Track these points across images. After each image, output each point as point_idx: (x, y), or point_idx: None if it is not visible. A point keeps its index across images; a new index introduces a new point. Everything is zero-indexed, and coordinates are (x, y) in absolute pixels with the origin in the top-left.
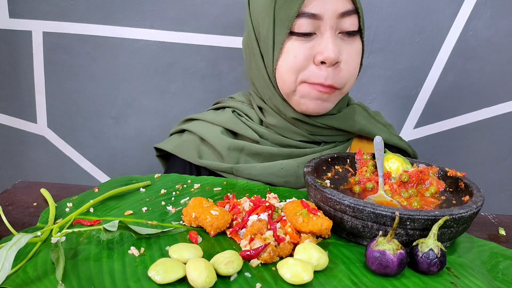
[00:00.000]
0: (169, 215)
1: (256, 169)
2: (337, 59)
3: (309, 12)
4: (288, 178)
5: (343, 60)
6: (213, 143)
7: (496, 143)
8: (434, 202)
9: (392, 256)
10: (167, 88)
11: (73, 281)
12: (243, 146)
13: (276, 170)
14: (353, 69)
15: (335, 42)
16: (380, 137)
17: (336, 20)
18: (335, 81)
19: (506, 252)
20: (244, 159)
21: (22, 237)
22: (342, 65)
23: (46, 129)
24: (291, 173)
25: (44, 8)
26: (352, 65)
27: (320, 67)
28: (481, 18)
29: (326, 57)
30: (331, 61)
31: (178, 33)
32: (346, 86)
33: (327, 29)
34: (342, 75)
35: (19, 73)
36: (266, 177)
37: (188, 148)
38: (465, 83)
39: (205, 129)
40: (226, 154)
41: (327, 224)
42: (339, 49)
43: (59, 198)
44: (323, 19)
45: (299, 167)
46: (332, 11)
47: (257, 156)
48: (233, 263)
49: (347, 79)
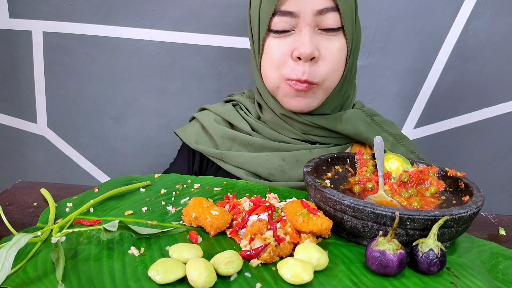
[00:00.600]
0: (169, 215)
1: (243, 157)
2: (313, 54)
3: (285, 10)
4: (272, 171)
5: (321, 56)
6: (210, 130)
7: (496, 143)
8: (434, 202)
9: (392, 256)
10: (167, 88)
11: (73, 281)
12: (235, 135)
13: (262, 160)
14: (333, 65)
15: (312, 38)
16: (380, 137)
17: (313, 17)
18: (312, 76)
19: (506, 252)
20: (236, 148)
21: (22, 237)
22: (321, 61)
23: (46, 129)
24: (275, 166)
25: (44, 8)
26: (331, 61)
27: (298, 62)
28: (481, 18)
29: (301, 52)
30: (306, 56)
31: (178, 33)
32: (326, 82)
33: (304, 26)
34: (320, 71)
35: (19, 73)
36: (251, 166)
37: (190, 133)
38: (465, 83)
39: (207, 118)
40: (220, 142)
41: (327, 224)
42: (317, 45)
43: (59, 198)
44: (299, 16)
45: (284, 161)
46: (309, 9)
47: (248, 147)
48: (233, 263)
49: (326, 74)
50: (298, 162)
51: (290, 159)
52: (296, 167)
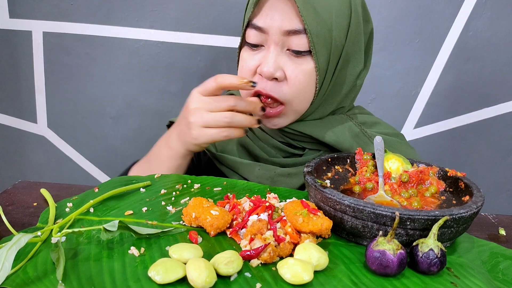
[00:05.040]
0: (169, 215)
1: (237, 162)
2: (273, 74)
3: (255, 24)
4: (263, 181)
5: (287, 77)
6: None
7: (496, 143)
8: (434, 202)
9: (392, 256)
10: (167, 88)
11: (73, 281)
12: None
13: (254, 169)
14: (298, 88)
15: (277, 57)
16: (380, 137)
17: (281, 37)
18: (274, 91)
19: (506, 252)
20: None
21: (22, 237)
22: (285, 82)
23: (46, 129)
24: (266, 177)
25: (44, 8)
26: (296, 84)
27: (262, 79)
28: (481, 18)
29: (263, 71)
30: (266, 75)
31: (178, 33)
32: (294, 103)
33: (271, 44)
34: (283, 91)
35: (19, 73)
36: (243, 173)
37: None
38: (465, 83)
39: None
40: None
41: (327, 224)
42: (283, 66)
43: (59, 198)
44: (268, 33)
45: (275, 173)
46: (276, 27)
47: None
48: (233, 263)
49: (292, 96)
50: (289, 176)
51: (282, 172)
52: (288, 179)
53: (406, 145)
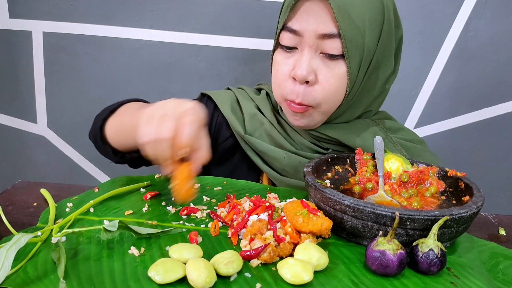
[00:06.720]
0: (169, 215)
1: (263, 146)
2: (306, 77)
3: (290, 27)
4: (287, 169)
5: (319, 81)
6: (243, 105)
7: (496, 143)
8: (434, 202)
9: (392, 256)
10: (167, 88)
11: (74, 281)
12: (264, 121)
13: (279, 156)
14: (329, 92)
15: (310, 61)
16: (380, 137)
17: (316, 40)
18: (306, 99)
19: (506, 252)
20: (260, 133)
21: (22, 237)
22: (317, 85)
23: (46, 129)
24: (291, 165)
25: (44, 8)
26: (327, 87)
27: (295, 82)
28: (481, 18)
29: (296, 74)
30: (299, 78)
31: (178, 33)
32: (323, 106)
33: (305, 47)
34: (314, 95)
35: (19, 73)
36: (268, 158)
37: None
38: (465, 83)
39: (241, 94)
40: (248, 120)
41: (327, 224)
42: (316, 69)
43: (59, 198)
44: (303, 36)
45: (300, 163)
46: (311, 31)
47: (270, 138)
48: (233, 263)
49: (321, 99)
50: None
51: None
52: None
53: (430, 153)
